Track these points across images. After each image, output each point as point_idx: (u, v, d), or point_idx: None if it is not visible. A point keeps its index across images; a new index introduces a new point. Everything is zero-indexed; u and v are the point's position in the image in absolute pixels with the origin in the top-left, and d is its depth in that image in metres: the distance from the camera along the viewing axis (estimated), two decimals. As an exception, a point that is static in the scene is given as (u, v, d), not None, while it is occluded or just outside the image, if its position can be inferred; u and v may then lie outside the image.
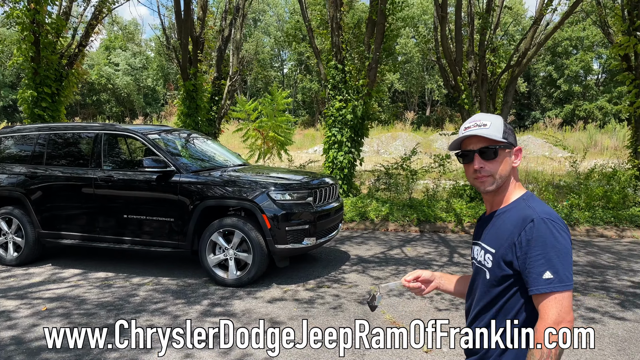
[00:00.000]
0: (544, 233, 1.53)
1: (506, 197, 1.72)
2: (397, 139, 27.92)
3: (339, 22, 10.16)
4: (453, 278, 2.05)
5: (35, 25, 9.86)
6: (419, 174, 10.85)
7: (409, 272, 6.12)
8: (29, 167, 6.44)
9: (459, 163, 1.80)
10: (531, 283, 1.52)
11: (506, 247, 1.60)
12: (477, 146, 1.69)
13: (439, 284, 2.02)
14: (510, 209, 1.68)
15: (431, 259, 6.90)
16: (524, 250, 1.54)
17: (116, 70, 50.74)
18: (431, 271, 2.01)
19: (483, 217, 1.83)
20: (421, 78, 49.28)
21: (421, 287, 1.98)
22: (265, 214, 5.46)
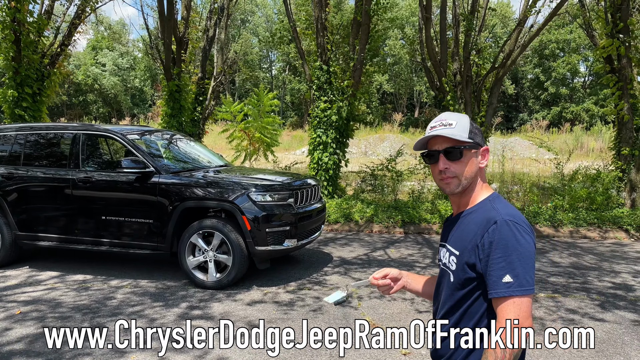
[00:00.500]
0: (507, 235, 1.49)
1: (472, 198, 1.68)
2: (385, 140, 27.98)
3: (324, 23, 10.13)
4: (420, 278, 2.01)
5: (15, 24, 9.71)
6: (404, 175, 10.85)
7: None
8: (6, 168, 6.32)
9: (426, 164, 1.76)
10: (490, 286, 1.49)
11: (470, 250, 1.56)
12: (442, 146, 1.65)
13: (406, 283, 1.97)
14: (476, 210, 1.65)
15: (414, 261, 6.87)
16: (486, 253, 1.51)
17: (103, 70, 50.30)
18: (399, 270, 1.96)
19: (450, 219, 1.80)
20: (410, 80, 49.49)
21: (390, 284, 1.94)
22: (245, 216, 5.40)
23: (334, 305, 1.71)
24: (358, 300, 5.20)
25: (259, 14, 56.50)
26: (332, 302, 1.95)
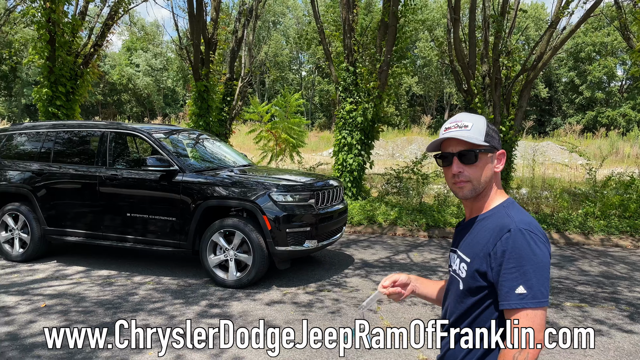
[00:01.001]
0: (521, 244, 1.43)
1: (486, 203, 1.61)
2: (412, 142, 27.71)
3: (351, 24, 10.10)
4: (430, 283, 1.94)
5: (50, 24, 9.99)
6: (430, 178, 10.72)
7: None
8: (37, 164, 6.51)
9: (439, 166, 1.70)
10: (502, 297, 1.43)
11: (481, 257, 1.51)
12: (456, 149, 1.59)
13: (415, 288, 1.91)
14: (490, 216, 1.58)
15: (437, 265, 6.77)
16: (498, 262, 1.45)
17: (137, 71, 51.47)
18: (407, 274, 1.90)
19: (462, 224, 1.73)
20: (440, 82, 48.92)
21: (401, 291, 1.86)
22: (265, 215, 5.41)
23: (370, 306, 1.65)
24: (377, 304, 5.14)
25: (290, 15, 56.84)
26: (371, 305, 1.89)
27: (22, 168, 6.57)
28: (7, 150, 6.83)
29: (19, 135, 6.90)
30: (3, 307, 4.85)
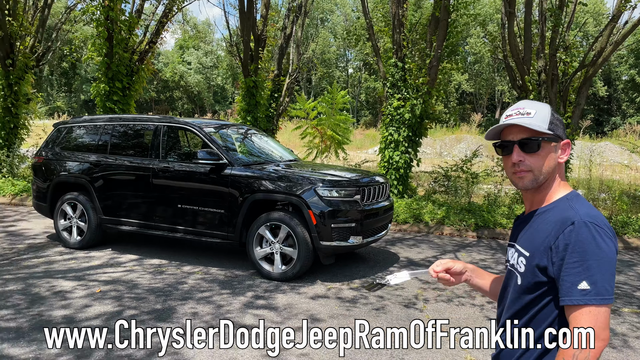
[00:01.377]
0: (585, 238, 1.35)
1: (548, 195, 1.54)
2: (461, 141, 27.11)
3: (400, 19, 9.96)
4: (487, 275, 1.86)
5: (109, 22, 10.40)
6: (480, 177, 10.44)
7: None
8: (94, 156, 6.80)
9: (498, 155, 1.64)
10: (564, 293, 1.36)
11: (542, 251, 1.44)
12: (517, 137, 1.52)
13: (469, 277, 1.84)
14: (551, 209, 1.51)
15: (486, 266, 6.59)
16: (560, 256, 1.38)
17: (189, 68, 52.90)
18: (463, 263, 1.83)
19: (521, 217, 1.66)
20: (491, 79, 47.59)
21: (450, 279, 1.81)
22: (311, 210, 5.43)
23: (414, 277, 1.63)
24: (423, 303, 5.06)
25: (338, 12, 56.80)
26: (393, 283, 1.87)
27: (80, 159, 6.88)
28: (67, 142, 7.17)
29: (78, 128, 7.23)
30: (61, 291, 5.10)
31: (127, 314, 4.51)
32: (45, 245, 7.05)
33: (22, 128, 12.25)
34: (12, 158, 11.84)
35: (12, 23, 11.24)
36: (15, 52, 11.64)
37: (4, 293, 4.98)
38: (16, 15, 11.39)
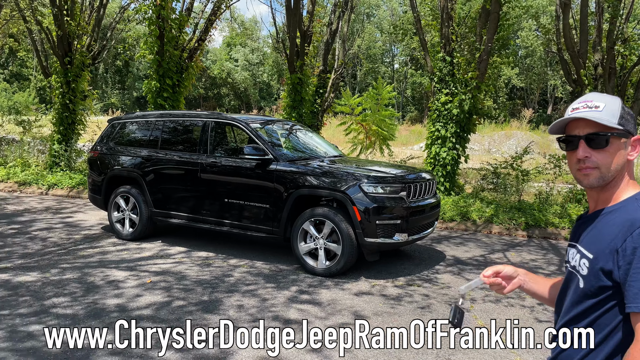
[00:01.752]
0: None
1: (615, 194, 1.46)
2: (511, 137, 26.25)
3: (449, 13, 9.73)
4: (542, 280, 1.78)
5: (160, 21, 10.70)
6: (531, 174, 10.08)
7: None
8: (146, 151, 7.01)
9: (562, 150, 1.56)
10: (630, 299, 1.28)
11: (607, 254, 1.35)
12: (584, 131, 1.44)
13: (523, 282, 1.75)
14: (618, 209, 1.42)
15: (537, 267, 6.36)
16: (627, 260, 1.29)
17: (235, 65, 53.79)
18: (514, 267, 1.75)
19: (584, 216, 1.58)
20: (543, 74, 45.85)
21: (502, 283, 1.74)
22: (355, 206, 5.40)
23: (468, 291, 1.56)
24: (471, 303, 4.94)
25: (384, 7, 56.21)
26: (470, 288, 1.81)
27: (133, 154, 7.12)
28: (120, 137, 7.43)
29: (131, 123, 7.48)
30: (114, 280, 5.30)
31: (176, 305, 4.63)
32: (99, 236, 7.35)
33: (79, 124, 12.81)
34: (69, 152, 12.40)
35: (70, 23, 11.75)
36: (73, 50, 12.17)
37: (61, 281, 5.22)
38: (74, 15, 11.89)
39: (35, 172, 11.97)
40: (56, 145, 12.36)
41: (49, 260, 5.99)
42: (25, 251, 6.40)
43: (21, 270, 5.56)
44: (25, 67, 53.28)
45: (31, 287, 5.01)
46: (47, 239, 7.07)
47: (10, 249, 6.49)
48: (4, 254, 6.25)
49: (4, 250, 6.42)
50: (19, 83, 53.43)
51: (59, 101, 12.31)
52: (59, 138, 12.47)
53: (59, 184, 11.23)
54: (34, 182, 11.44)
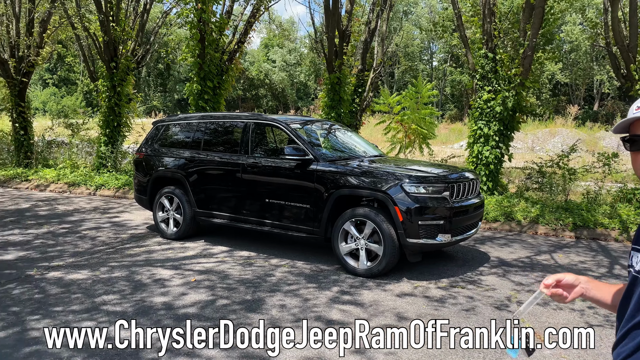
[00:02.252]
0: None
1: None
2: (556, 135, 25.42)
3: (491, 8, 9.50)
4: (605, 286, 1.69)
5: (201, 24, 10.91)
6: (578, 173, 9.72)
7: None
8: (189, 152, 7.16)
9: (626, 150, 1.50)
10: None
11: None
12: None
13: (585, 290, 1.66)
14: None
15: (586, 269, 6.13)
16: None
17: (273, 66, 54.30)
18: (575, 275, 1.67)
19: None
20: (589, 69, 44.16)
21: (563, 294, 1.66)
22: (397, 207, 5.34)
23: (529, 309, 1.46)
24: (517, 305, 4.80)
25: (422, 4, 55.48)
26: (532, 304, 1.71)
27: (176, 155, 7.28)
28: (164, 139, 7.61)
29: (174, 125, 7.66)
30: (160, 279, 5.43)
31: (220, 304, 4.70)
32: (145, 235, 7.55)
33: (124, 126, 13.22)
34: (115, 154, 12.82)
35: (115, 29, 12.13)
36: (119, 55, 12.57)
37: (110, 279, 5.39)
38: (119, 21, 12.27)
39: (83, 174, 12.43)
40: (103, 147, 12.80)
41: (98, 259, 6.20)
42: (76, 250, 6.65)
43: (72, 269, 5.78)
44: (73, 72, 55.50)
45: (82, 285, 5.20)
46: (96, 238, 7.32)
47: (62, 247, 6.77)
48: (56, 252, 6.52)
49: (56, 248, 6.70)
50: (67, 87, 55.73)
51: (105, 104, 12.74)
52: (106, 140, 12.90)
53: (106, 185, 11.62)
54: (82, 183, 11.88)
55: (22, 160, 14.05)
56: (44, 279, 5.40)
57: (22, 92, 14.10)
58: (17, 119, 14.05)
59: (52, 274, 5.58)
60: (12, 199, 10.74)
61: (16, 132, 14.21)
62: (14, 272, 5.65)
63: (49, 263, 6.00)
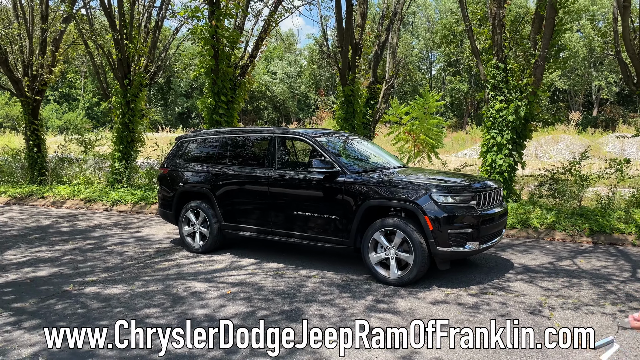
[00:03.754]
0: None
1: None
2: (558, 141, 25.65)
3: (501, 20, 9.73)
4: None
5: (214, 40, 11.10)
6: (590, 180, 9.89)
7: (584, 285, 5.62)
8: (215, 166, 7.30)
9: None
10: None
11: None
12: None
13: None
14: None
15: (609, 273, 6.26)
16: None
17: (274, 78, 54.67)
18: None
19: None
20: (587, 75, 44.58)
21: None
22: (427, 216, 5.48)
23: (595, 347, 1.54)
24: (549, 310, 4.93)
25: (420, 14, 56.05)
26: (596, 345, 1.80)
27: (201, 170, 7.42)
28: (188, 154, 7.76)
29: (198, 140, 7.80)
30: (196, 292, 5.54)
31: (260, 314, 4.82)
32: (171, 249, 7.67)
33: (137, 141, 13.37)
34: (129, 169, 12.96)
35: (129, 46, 12.33)
36: (132, 72, 12.76)
37: (147, 293, 5.51)
38: (132, 38, 12.48)
39: (98, 190, 12.56)
40: (117, 163, 12.94)
41: (130, 274, 6.32)
42: (106, 265, 6.76)
43: (107, 283, 5.89)
44: (74, 87, 55.82)
45: (121, 299, 5.31)
46: (124, 253, 7.44)
47: (91, 263, 6.88)
48: (87, 267, 6.63)
49: (87, 264, 6.81)
50: (68, 103, 55.99)
51: (119, 121, 12.90)
52: (120, 156, 13.04)
53: (122, 200, 11.74)
54: (98, 199, 12.01)
55: (36, 178, 14.19)
56: (82, 294, 5.51)
57: (35, 110, 14.28)
58: (31, 136, 14.22)
59: (89, 289, 5.69)
60: (32, 216, 10.86)
61: (30, 150, 14.36)
62: (50, 287, 5.76)
63: (82, 279, 6.11)
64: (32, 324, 4.64)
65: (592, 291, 5.55)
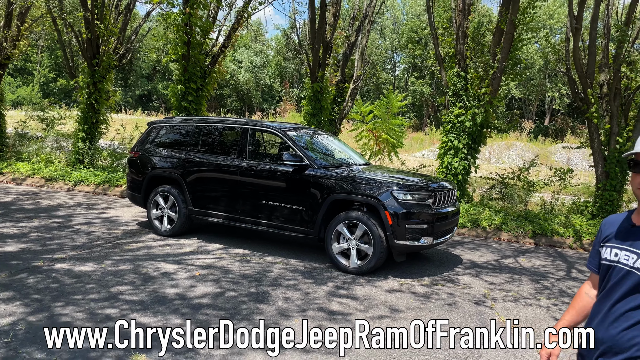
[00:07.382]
0: None
1: None
2: (511, 148, 26.94)
3: (465, 31, 10.32)
4: (567, 315, 2.20)
5: (187, 27, 11.21)
6: (536, 186, 10.68)
7: (524, 281, 6.19)
8: (186, 153, 7.52)
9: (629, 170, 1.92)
10: None
11: None
12: None
13: None
14: None
15: (547, 272, 6.92)
16: None
17: (239, 67, 54.26)
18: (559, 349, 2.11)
19: (628, 228, 1.94)
20: (542, 85, 46.67)
21: None
22: (387, 211, 5.94)
23: None
24: (492, 301, 5.49)
25: (387, 14, 56.89)
26: None
27: (173, 156, 7.62)
28: (161, 139, 7.93)
29: (170, 127, 7.98)
30: (166, 272, 5.80)
31: (229, 295, 5.14)
32: (138, 231, 7.84)
33: (102, 123, 13.28)
34: (93, 151, 12.87)
35: (99, 26, 12.23)
36: (101, 52, 12.65)
37: (118, 272, 5.72)
38: (103, 19, 12.38)
39: (59, 169, 12.42)
40: (80, 143, 12.82)
41: (99, 253, 6.49)
42: (74, 244, 6.88)
43: (77, 261, 6.06)
44: (30, 61, 53.56)
45: (93, 276, 5.51)
46: (91, 233, 7.56)
47: (59, 241, 6.98)
48: (55, 245, 6.74)
49: (55, 242, 6.91)
50: (22, 77, 53.69)
51: (84, 101, 12.77)
52: (83, 136, 12.93)
53: (85, 181, 11.69)
54: (60, 178, 11.90)
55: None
56: (52, 270, 5.67)
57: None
58: (-10, 110, 13.84)
59: (59, 265, 5.84)
60: (-10, 192, 10.68)
61: (-12, 124, 13.99)
62: (20, 262, 5.87)
63: (52, 255, 6.24)
64: (6, 295, 4.79)
65: (530, 286, 6.17)
